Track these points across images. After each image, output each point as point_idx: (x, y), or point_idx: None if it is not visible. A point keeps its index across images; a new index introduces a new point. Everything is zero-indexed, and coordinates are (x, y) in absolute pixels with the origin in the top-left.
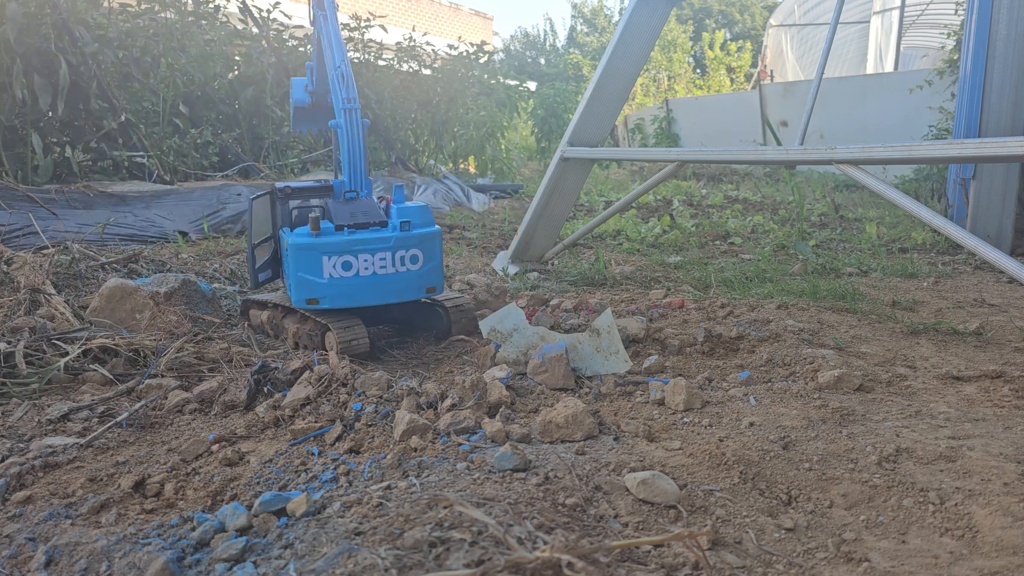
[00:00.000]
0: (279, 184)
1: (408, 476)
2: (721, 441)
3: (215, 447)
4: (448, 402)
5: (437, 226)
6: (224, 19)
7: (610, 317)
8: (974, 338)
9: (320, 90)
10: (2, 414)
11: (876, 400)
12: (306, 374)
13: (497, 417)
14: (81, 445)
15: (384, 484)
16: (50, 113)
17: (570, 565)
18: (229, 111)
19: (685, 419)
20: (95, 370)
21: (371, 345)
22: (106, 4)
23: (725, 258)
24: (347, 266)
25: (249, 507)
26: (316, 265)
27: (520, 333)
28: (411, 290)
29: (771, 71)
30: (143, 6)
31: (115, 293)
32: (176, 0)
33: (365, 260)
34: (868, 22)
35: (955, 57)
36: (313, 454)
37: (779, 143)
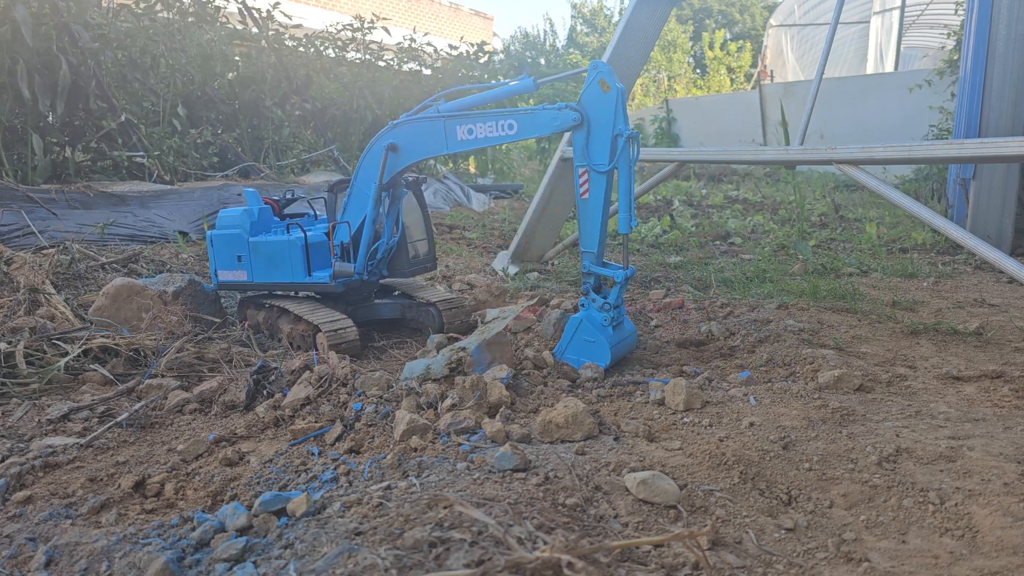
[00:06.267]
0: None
1: (408, 476)
2: (721, 441)
3: (215, 447)
4: (448, 402)
5: None
6: (224, 19)
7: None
8: (974, 338)
9: None
10: (2, 414)
11: (876, 400)
12: (306, 374)
13: (497, 417)
14: (81, 445)
15: (384, 484)
16: (50, 114)
17: (570, 565)
18: (229, 111)
19: (685, 419)
20: (95, 370)
21: (368, 344)
22: (105, 4)
23: (725, 258)
24: None
25: (249, 507)
26: None
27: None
28: None
29: (771, 71)
30: (142, 6)
31: (121, 292)
32: (176, 0)
33: None
34: (868, 22)
35: (955, 57)
36: (313, 454)
37: (787, 141)
